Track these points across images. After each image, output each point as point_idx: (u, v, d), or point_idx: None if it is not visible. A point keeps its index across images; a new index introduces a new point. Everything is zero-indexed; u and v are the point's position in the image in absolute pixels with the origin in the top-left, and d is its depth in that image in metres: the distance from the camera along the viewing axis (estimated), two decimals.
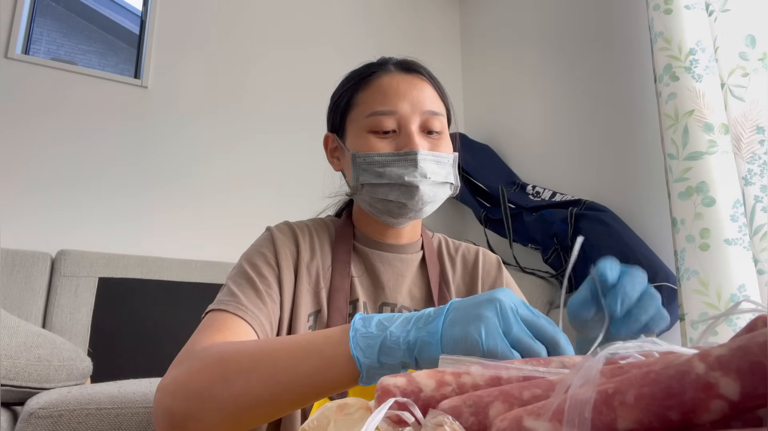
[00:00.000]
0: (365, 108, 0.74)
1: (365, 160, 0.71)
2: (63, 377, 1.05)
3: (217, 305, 0.65)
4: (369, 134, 0.72)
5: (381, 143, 0.72)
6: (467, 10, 2.97)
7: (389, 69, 0.77)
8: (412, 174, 0.69)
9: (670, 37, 1.58)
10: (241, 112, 2.28)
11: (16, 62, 1.91)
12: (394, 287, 0.76)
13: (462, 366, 0.33)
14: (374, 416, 0.28)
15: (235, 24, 2.36)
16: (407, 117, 0.72)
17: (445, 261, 0.82)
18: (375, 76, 0.76)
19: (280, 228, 0.76)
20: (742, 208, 1.43)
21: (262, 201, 2.19)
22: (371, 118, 0.72)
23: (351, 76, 0.80)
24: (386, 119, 0.72)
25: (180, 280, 1.81)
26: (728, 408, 0.23)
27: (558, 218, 1.99)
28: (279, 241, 0.72)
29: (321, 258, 0.75)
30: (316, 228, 0.78)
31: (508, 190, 2.25)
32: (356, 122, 0.75)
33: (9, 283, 1.58)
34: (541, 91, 2.40)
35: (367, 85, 0.76)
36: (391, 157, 0.70)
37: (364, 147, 0.72)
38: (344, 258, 0.75)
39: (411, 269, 0.78)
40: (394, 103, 0.72)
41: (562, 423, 0.24)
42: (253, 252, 0.72)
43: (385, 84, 0.74)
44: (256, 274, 0.68)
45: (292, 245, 0.73)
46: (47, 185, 1.88)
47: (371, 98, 0.74)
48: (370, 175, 0.71)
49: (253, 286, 0.67)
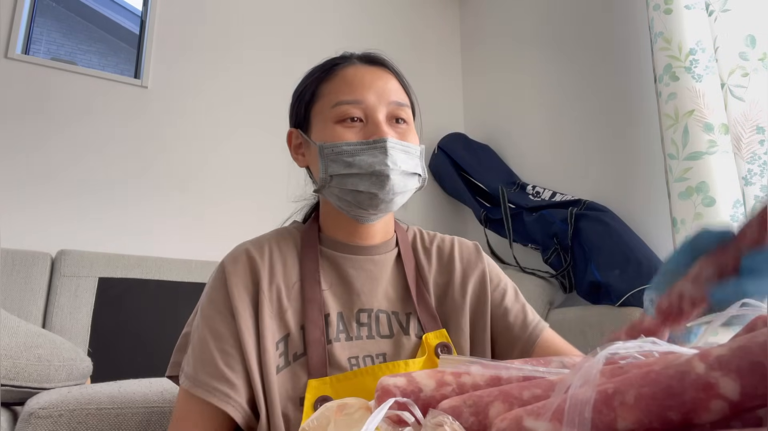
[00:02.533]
0: (330, 98, 0.71)
1: (333, 150, 0.68)
2: (63, 377, 1.05)
3: (187, 383, 0.65)
4: (335, 125, 0.70)
5: (348, 133, 0.69)
6: (467, 11, 2.97)
7: (353, 61, 0.75)
8: (383, 162, 0.67)
9: (670, 37, 1.58)
10: (241, 112, 2.28)
11: (16, 62, 1.91)
12: (369, 292, 0.73)
13: (462, 366, 0.33)
14: (374, 416, 0.28)
15: (235, 24, 2.36)
16: (374, 106, 0.70)
17: (420, 255, 0.79)
18: (339, 68, 0.74)
19: (235, 260, 0.71)
20: (742, 208, 1.43)
21: (263, 200, 2.18)
22: (337, 108, 0.70)
23: (313, 70, 0.77)
24: (352, 108, 0.70)
25: (180, 280, 1.81)
26: (728, 408, 0.23)
27: (558, 218, 1.99)
28: (232, 281, 0.69)
29: (283, 277, 0.71)
30: (278, 243, 0.74)
31: (508, 190, 2.25)
32: (321, 113, 0.72)
33: (9, 283, 1.58)
34: (541, 91, 2.40)
35: (331, 77, 0.73)
36: (360, 146, 0.68)
37: (331, 137, 0.69)
38: (312, 267, 0.72)
39: (385, 270, 0.75)
40: (360, 93, 0.70)
41: (562, 423, 0.24)
42: (207, 304, 0.69)
43: (350, 74, 0.72)
44: (216, 340, 0.66)
45: (246, 278, 0.70)
46: (47, 185, 1.88)
47: (336, 88, 0.72)
48: (339, 166, 0.68)
49: (213, 361, 0.65)
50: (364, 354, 0.69)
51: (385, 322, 0.73)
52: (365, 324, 0.72)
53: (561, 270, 1.97)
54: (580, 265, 1.91)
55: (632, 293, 1.65)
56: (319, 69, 0.76)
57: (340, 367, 0.67)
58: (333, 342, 0.69)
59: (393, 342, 0.71)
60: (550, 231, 2.01)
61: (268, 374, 0.65)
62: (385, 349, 0.70)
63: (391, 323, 0.73)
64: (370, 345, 0.70)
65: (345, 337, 0.70)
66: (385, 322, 0.73)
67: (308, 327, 0.68)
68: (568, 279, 1.98)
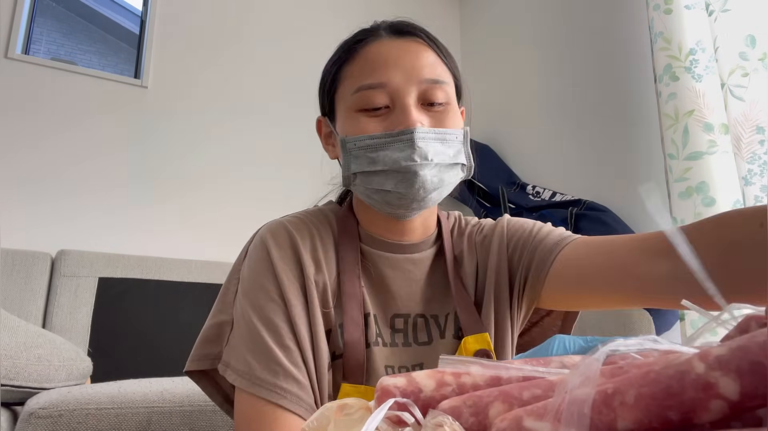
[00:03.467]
0: (352, 82, 0.63)
1: (356, 145, 0.61)
2: (63, 377, 1.05)
3: (244, 383, 0.56)
4: (358, 113, 0.62)
5: (372, 123, 0.61)
6: (467, 10, 2.97)
7: (379, 34, 0.66)
8: (410, 157, 0.58)
9: (670, 37, 1.58)
10: (241, 112, 2.28)
11: (16, 62, 1.91)
12: (406, 295, 0.66)
13: (462, 367, 0.33)
14: (374, 416, 0.28)
15: (235, 24, 2.36)
16: (401, 89, 0.60)
17: (456, 246, 0.71)
18: (361, 45, 0.64)
19: (278, 241, 0.62)
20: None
21: (263, 200, 2.18)
22: (359, 94, 0.61)
23: (338, 48, 0.68)
24: (376, 93, 0.60)
25: (180, 280, 1.81)
26: (728, 407, 0.23)
27: (558, 218, 1.99)
28: (279, 267, 0.60)
29: (326, 267, 0.63)
30: (317, 227, 0.66)
31: (508, 190, 2.25)
32: (343, 100, 0.64)
33: (9, 283, 1.58)
34: (541, 92, 2.40)
35: (354, 56, 0.64)
36: (383, 138, 0.59)
37: (354, 129, 0.61)
38: (353, 261, 0.65)
39: (424, 269, 0.68)
40: (384, 74, 0.61)
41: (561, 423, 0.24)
42: (256, 290, 0.60)
43: (374, 52, 0.63)
44: (268, 331, 0.57)
45: (292, 262, 0.61)
46: (47, 185, 1.88)
47: (358, 70, 0.63)
48: (362, 162, 0.61)
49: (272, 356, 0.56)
50: (399, 364, 0.63)
51: (423, 328, 0.66)
52: (401, 331, 0.65)
53: None
54: None
55: None
56: (341, 48, 0.67)
57: (377, 375, 0.60)
58: (372, 346, 0.62)
59: (431, 349, 0.65)
60: None
61: (321, 369, 0.58)
62: (422, 359, 0.64)
63: (430, 328, 0.66)
64: (407, 354, 0.64)
65: (382, 342, 0.64)
66: (423, 328, 0.66)
67: (347, 326, 0.61)
68: None
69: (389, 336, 0.65)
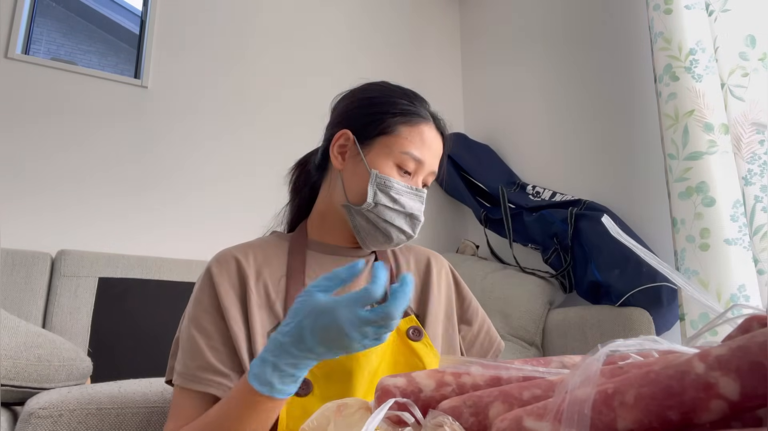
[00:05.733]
0: (404, 144, 0.80)
1: (385, 183, 0.78)
2: (63, 377, 1.05)
3: (178, 380, 0.71)
4: (394, 166, 0.80)
5: (400, 179, 0.80)
6: (467, 10, 2.97)
7: (430, 121, 0.84)
8: (419, 209, 0.80)
9: (670, 37, 1.58)
10: (241, 112, 2.28)
11: (16, 62, 1.91)
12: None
13: (462, 367, 0.33)
14: (374, 416, 0.28)
15: (235, 23, 2.36)
16: (425, 170, 0.82)
17: (399, 257, 0.89)
18: (420, 121, 0.83)
19: (219, 262, 0.78)
20: (742, 208, 1.43)
21: (263, 200, 2.18)
22: (404, 156, 0.79)
23: (397, 99, 0.84)
24: (414, 163, 0.80)
25: (180, 280, 1.81)
26: (728, 407, 0.23)
27: (558, 218, 1.99)
28: (217, 280, 0.76)
29: (269, 273, 0.78)
30: (262, 247, 0.82)
31: (508, 190, 2.25)
32: (388, 148, 0.80)
33: (9, 283, 1.58)
34: (541, 91, 2.40)
35: (413, 125, 0.82)
36: (407, 189, 0.80)
37: (387, 174, 0.79)
38: (299, 267, 0.80)
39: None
40: (426, 156, 0.81)
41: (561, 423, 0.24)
42: (194, 306, 0.75)
43: (428, 136, 0.82)
44: (203, 336, 0.72)
45: (233, 275, 0.76)
46: (47, 185, 1.88)
47: (411, 139, 0.81)
48: (386, 198, 0.78)
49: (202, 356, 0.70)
50: None
51: None
52: None
53: (561, 270, 1.97)
54: (580, 265, 1.91)
55: (632, 293, 1.65)
56: (403, 107, 0.83)
57: None
58: None
59: None
60: (550, 231, 2.01)
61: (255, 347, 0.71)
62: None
63: None
64: None
65: None
66: None
67: None
68: (568, 280, 1.98)
69: None
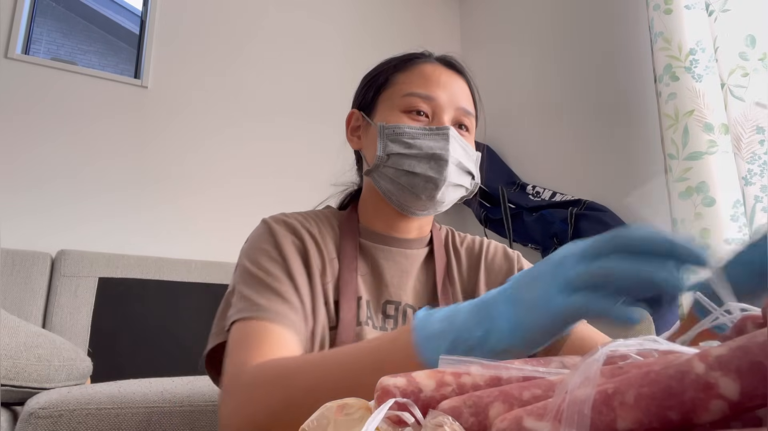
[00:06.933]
0: (403, 88, 0.72)
1: (394, 131, 0.69)
2: (63, 377, 1.05)
3: (242, 313, 0.60)
4: (402, 113, 0.70)
5: (412, 123, 0.70)
6: (467, 10, 2.97)
7: (432, 59, 0.77)
8: (444, 147, 0.67)
9: (670, 37, 1.58)
10: (240, 112, 2.28)
11: (16, 62, 1.91)
12: (398, 284, 0.73)
13: (462, 367, 0.33)
14: (374, 416, 0.28)
15: (235, 23, 2.36)
16: (443, 106, 0.71)
17: (451, 254, 0.80)
18: (418, 61, 0.75)
19: (277, 220, 0.71)
20: (742, 208, 1.43)
21: (263, 200, 2.19)
22: (408, 98, 0.71)
23: (392, 58, 0.78)
24: (422, 102, 0.70)
25: (180, 280, 1.81)
26: (728, 408, 0.23)
27: (558, 218, 1.99)
28: (279, 234, 0.68)
29: (325, 249, 0.70)
30: (316, 220, 0.74)
31: (508, 190, 2.25)
32: (390, 100, 0.73)
33: (9, 283, 1.58)
34: (541, 91, 2.40)
35: (409, 67, 0.74)
36: (422, 131, 0.68)
37: (395, 122, 0.70)
38: (351, 253, 0.72)
39: (415, 265, 0.76)
40: (433, 90, 0.71)
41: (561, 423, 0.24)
42: (254, 249, 0.67)
43: (428, 70, 0.73)
44: (266, 274, 0.63)
45: (292, 236, 0.69)
46: (47, 185, 1.88)
47: (411, 80, 0.72)
48: (398, 145, 0.68)
49: (268, 287, 0.62)
50: None
51: (412, 317, 0.72)
52: (392, 317, 0.72)
53: None
54: None
55: None
56: (398, 59, 0.77)
57: None
58: (363, 325, 0.68)
59: None
60: (550, 231, 2.01)
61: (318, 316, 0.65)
62: None
63: None
64: None
65: (372, 325, 0.70)
66: (413, 317, 0.71)
67: (342, 305, 0.67)
68: None
69: (380, 321, 0.71)
